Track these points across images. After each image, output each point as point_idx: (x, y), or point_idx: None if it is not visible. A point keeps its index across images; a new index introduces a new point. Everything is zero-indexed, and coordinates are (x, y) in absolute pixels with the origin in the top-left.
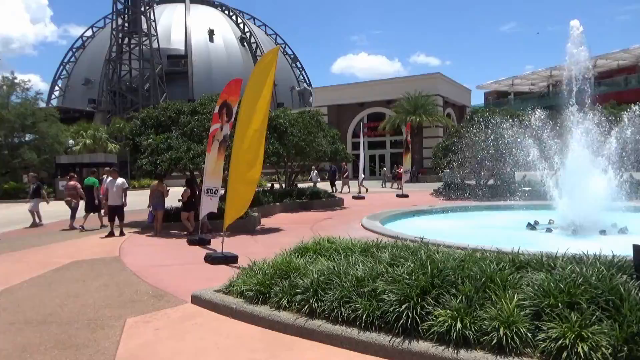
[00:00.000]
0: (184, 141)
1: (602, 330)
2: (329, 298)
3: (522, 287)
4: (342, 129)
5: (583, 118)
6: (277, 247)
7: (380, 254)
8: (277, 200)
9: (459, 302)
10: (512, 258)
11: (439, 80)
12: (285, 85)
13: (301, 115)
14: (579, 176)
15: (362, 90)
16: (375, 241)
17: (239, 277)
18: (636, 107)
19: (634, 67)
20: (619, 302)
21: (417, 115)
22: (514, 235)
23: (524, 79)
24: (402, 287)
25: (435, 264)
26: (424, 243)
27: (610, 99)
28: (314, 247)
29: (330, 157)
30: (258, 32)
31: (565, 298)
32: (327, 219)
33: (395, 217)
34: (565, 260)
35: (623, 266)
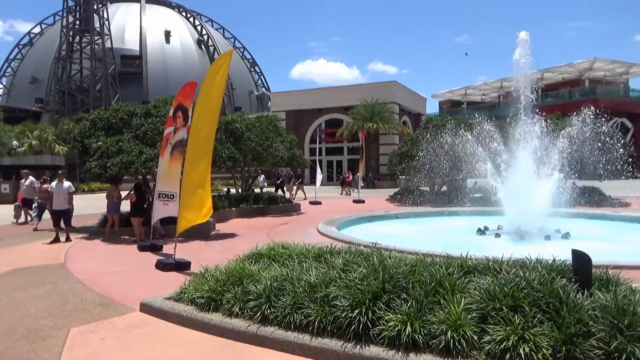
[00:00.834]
0: (136, 144)
1: (543, 332)
2: (281, 304)
3: (470, 291)
4: (300, 134)
5: (530, 128)
6: (231, 253)
7: (334, 259)
8: (233, 205)
9: (409, 307)
10: (460, 263)
11: (396, 88)
12: (243, 89)
13: (259, 120)
14: (526, 183)
15: (321, 96)
16: (329, 247)
17: (191, 284)
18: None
19: (577, 81)
20: (559, 304)
21: (374, 122)
22: (465, 240)
23: (476, 89)
24: (354, 293)
25: (387, 270)
26: (376, 248)
27: (555, 110)
28: (268, 253)
29: (288, 162)
30: (216, 35)
31: (509, 301)
32: (284, 224)
33: (351, 222)
34: (510, 265)
35: (563, 270)
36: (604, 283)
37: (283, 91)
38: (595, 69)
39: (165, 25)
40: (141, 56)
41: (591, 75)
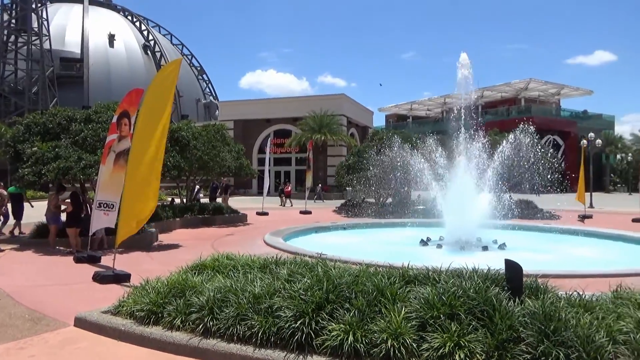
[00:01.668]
0: (74, 150)
1: (477, 338)
2: (224, 316)
3: (410, 300)
4: (248, 144)
5: (469, 143)
6: (174, 264)
7: (279, 270)
8: (177, 216)
9: (352, 316)
10: (402, 273)
11: (344, 101)
12: (190, 97)
13: (206, 129)
14: (466, 196)
15: (270, 107)
16: (274, 257)
17: (130, 296)
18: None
19: (515, 99)
20: (492, 312)
21: (322, 133)
22: (409, 251)
23: (421, 104)
24: (298, 303)
25: (331, 280)
26: (321, 259)
27: (494, 126)
28: (212, 264)
29: (235, 172)
30: (163, 41)
31: (447, 310)
32: (230, 235)
33: (298, 233)
34: (448, 275)
35: (497, 279)
36: (533, 291)
37: (232, 100)
38: (530, 88)
39: (109, 28)
40: (82, 59)
41: (527, 94)
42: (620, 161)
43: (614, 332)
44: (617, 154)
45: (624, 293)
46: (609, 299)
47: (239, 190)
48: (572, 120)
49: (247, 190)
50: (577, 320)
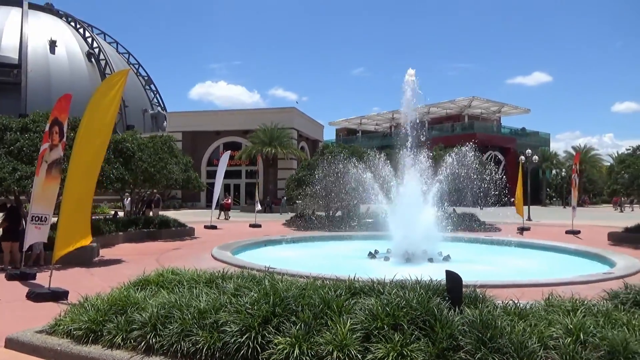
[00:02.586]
0: (9, 161)
1: (419, 348)
2: (168, 332)
3: (356, 311)
4: (197, 156)
5: (416, 158)
6: (116, 280)
7: (225, 284)
8: (120, 230)
9: (298, 329)
10: (348, 285)
11: (295, 114)
12: (137, 107)
13: (152, 140)
14: (413, 209)
15: (220, 119)
16: (221, 272)
17: (67, 314)
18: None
19: (459, 116)
20: (434, 321)
21: (272, 146)
22: (357, 264)
23: (370, 119)
24: (244, 317)
25: (278, 293)
26: (269, 272)
27: (439, 142)
28: (156, 280)
29: (182, 185)
30: (108, 49)
31: (390, 320)
32: (176, 249)
33: (247, 247)
34: (393, 286)
35: (438, 290)
36: (472, 300)
37: (180, 111)
38: (473, 106)
39: (50, 34)
40: (20, 65)
41: (470, 111)
42: (556, 176)
43: (545, 338)
44: (552, 169)
45: (555, 301)
46: (542, 307)
47: (187, 203)
48: (511, 137)
49: (195, 203)
50: (512, 327)
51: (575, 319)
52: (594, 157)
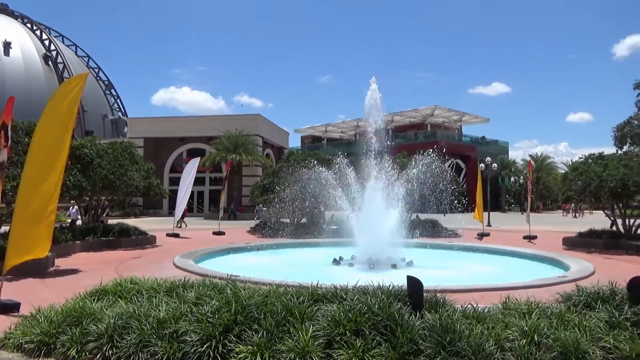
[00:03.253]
0: None
1: (381, 353)
2: (125, 344)
3: (318, 318)
4: (160, 163)
5: (380, 165)
6: (72, 291)
7: (186, 293)
8: (77, 238)
9: (260, 337)
10: (311, 292)
11: (260, 121)
12: (96, 112)
13: (112, 146)
14: (377, 216)
15: (183, 125)
16: (182, 280)
17: (18, 327)
18: (422, 158)
19: (422, 125)
20: (395, 326)
21: (237, 153)
22: (321, 270)
23: (335, 126)
24: (205, 327)
25: (240, 301)
26: (232, 280)
27: (403, 150)
28: (113, 289)
29: (144, 192)
30: (67, 52)
31: (352, 326)
32: (136, 258)
33: (210, 255)
34: (355, 292)
35: (400, 295)
36: (433, 305)
37: (142, 117)
38: (435, 115)
39: (4, 35)
40: None
41: (432, 120)
42: (514, 183)
43: (501, 340)
44: (511, 176)
45: (512, 304)
46: (499, 310)
47: (149, 210)
48: (472, 145)
49: (157, 210)
50: (470, 330)
51: (530, 321)
52: (549, 165)
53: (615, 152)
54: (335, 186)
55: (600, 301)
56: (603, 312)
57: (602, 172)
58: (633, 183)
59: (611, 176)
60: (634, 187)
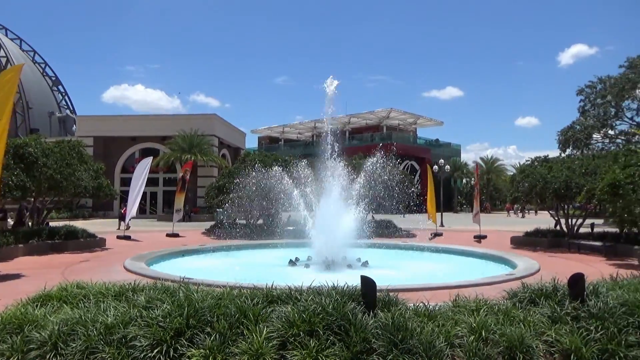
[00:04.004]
0: None
1: (335, 352)
2: (71, 351)
3: (272, 319)
4: (111, 163)
5: (336, 166)
6: (12, 297)
7: (136, 297)
8: (20, 241)
9: (212, 341)
10: (266, 293)
11: (216, 121)
12: (42, 109)
13: (59, 145)
14: (333, 217)
15: (136, 124)
16: (132, 284)
17: None
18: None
19: (378, 127)
20: (348, 326)
21: (192, 154)
22: (277, 272)
23: (293, 127)
24: (155, 331)
25: (193, 304)
26: (184, 283)
27: (359, 151)
28: (58, 295)
29: (93, 193)
30: (10, 46)
31: (306, 327)
32: (84, 261)
33: (163, 257)
34: (310, 293)
35: (354, 295)
36: (385, 304)
37: (92, 115)
38: (391, 117)
39: None
40: None
41: (388, 122)
42: (466, 185)
43: (451, 337)
44: (463, 178)
45: (462, 302)
46: (449, 308)
47: (98, 212)
48: (426, 148)
49: (107, 212)
50: (422, 328)
51: (478, 318)
52: (499, 167)
53: (559, 155)
54: (292, 187)
55: (544, 297)
56: (546, 307)
57: (547, 174)
58: (575, 185)
59: (555, 178)
60: (576, 189)
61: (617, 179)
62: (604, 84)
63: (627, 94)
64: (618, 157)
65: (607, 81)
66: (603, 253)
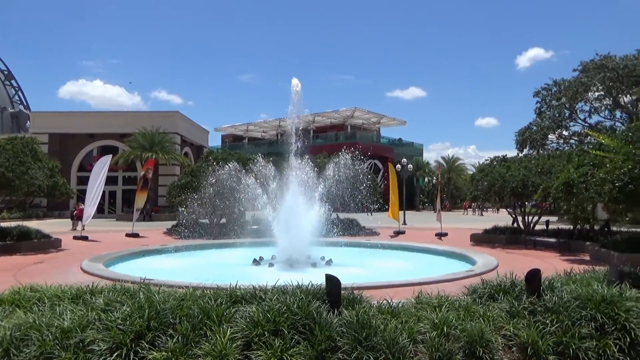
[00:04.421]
0: None
1: (299, 352)
2: (24, 357)
3: (237, 320)
4: (67, 161)
5: (301, 165)
6: None
7: (94, 300)
8: None
9: (175, 343)
10: (230, 293)
11: (178, 118)
12: None
13: (12, 142)
14: (297, 216)
15: (94, 121)
16: (90, 286)
17: None
18: (342, 159)
19: (342, 126)
20: (313, 325)
21: (153, 152)
22: (241, 271)
23: (257, 126)
24: (115, 334)
25: (154, 306)
26: (145, 284)
27: (324, 150)
28: (10, 298)
29: (48, 192)
30: None
31: (271, 326)
32: (39, 263)
33: (123, 258)
34: (274, 292)
35: (318, 293)
36: (350, 302)
37: (47, 111)
38: (355, 116)
39: None
40: None
41: (352, 122)
42: (428, 183)
43: (414, 333)
44: (425, 177)
45: (424, 298)
46: (412, 305)
47: (54, 212)
48: (390, 147)
49: (62, 212)
50: (385, 325)
51: (440, 314)
52: (460, 167)
53: (517, 155)
54: (256, 186)
55: (502, 292)
56: (505, 302)
57: (505, 173)
58: (531, 183)
59: (513, 177)
60: (532, 187)
61: (571, 178)
62: (559, 87)
63: (580, 96)
64: (572, 157)
65: (562, 84)
66: (557, 249)
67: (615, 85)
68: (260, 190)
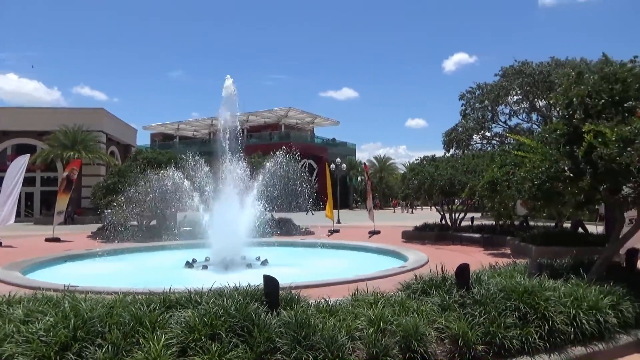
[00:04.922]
0: None
1: (238, 355)
2: None
3: (171, 325)
4: None
5: (234, 165)
6: None
7: (12, 310)
8: None
9: (104, 353)
10: (163, 298)
11: (103, 116)
12: None
13: None
14: (230, 216)
15: (8, 117)
16: (6, 296)
17: None
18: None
19: (276, 125)
20: (252, 326)
21: (75, 150)
22: (173, 275)
23: (188, 124)
24: (37, 347)
25: (81, 315)
26: (69, 292)
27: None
28: None
29: None
30: None
31: (208, 330)
32: None
33: (43, 264)
34: (210, 295)
35: (256, 294)
36: (288, 302)
37: None
38: (290, 116)
39: None
40: None
41: (287, 121)
42: (361, 182)
43: (352, 331)
44: (358, 176)
45: (361, 296)
46: (349, 302)
47: None
48: (324, 147)
49: None
50: (324, 324)
51: (376, 310)
52: (391, 166)
53: (444, 155)
54: (187, 186)
55: (434, 287)
56: (437, 297)
57: (434, 172)
58: (458, 182)
59: (441, 176)
60: (459, 186)
61: (495, 177)
62: (482, 90)
63: (501, 99)
64: (494, 157)
65: (484, 87)
66: (481, 244)
67: (532, 90)
68: (192, 191)
